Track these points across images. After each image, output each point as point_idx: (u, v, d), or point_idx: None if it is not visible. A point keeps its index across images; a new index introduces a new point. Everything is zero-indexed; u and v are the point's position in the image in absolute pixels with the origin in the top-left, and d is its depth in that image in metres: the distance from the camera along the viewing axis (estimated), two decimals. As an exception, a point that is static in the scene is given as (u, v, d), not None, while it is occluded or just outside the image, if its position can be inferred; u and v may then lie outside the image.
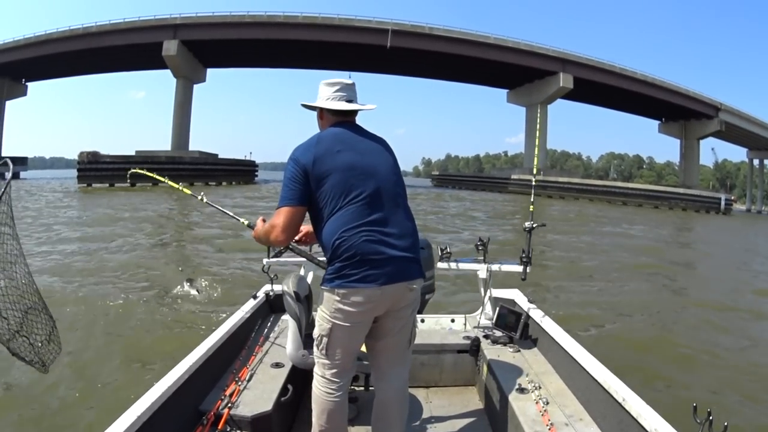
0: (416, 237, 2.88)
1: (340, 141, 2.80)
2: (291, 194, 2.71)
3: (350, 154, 2.75)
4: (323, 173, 2.68)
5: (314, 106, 2.97)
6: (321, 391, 2.78)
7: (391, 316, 2.79)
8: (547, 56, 68.16)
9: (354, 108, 2.94)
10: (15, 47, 66.99)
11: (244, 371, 3.46)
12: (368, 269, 2.61)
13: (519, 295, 4.73)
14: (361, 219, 2.65)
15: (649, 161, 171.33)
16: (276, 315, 4.58)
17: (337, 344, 2.72)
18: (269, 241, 2.91)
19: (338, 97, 2.92)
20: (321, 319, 2.73)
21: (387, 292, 2.66)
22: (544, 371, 3.65)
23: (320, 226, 2.72)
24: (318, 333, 2.76)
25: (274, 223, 2.75)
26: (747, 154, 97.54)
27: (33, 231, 17.16)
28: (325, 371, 2.77)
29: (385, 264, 2.64)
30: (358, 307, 2.64)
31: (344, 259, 2.60)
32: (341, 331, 2.69)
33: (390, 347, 2.89)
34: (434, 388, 4.16)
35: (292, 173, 2.72)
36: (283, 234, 2.75)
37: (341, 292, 2.61)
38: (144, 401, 2.59)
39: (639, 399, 2.67)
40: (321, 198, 2.69)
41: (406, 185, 2.99)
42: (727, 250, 23.76)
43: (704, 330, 8.81)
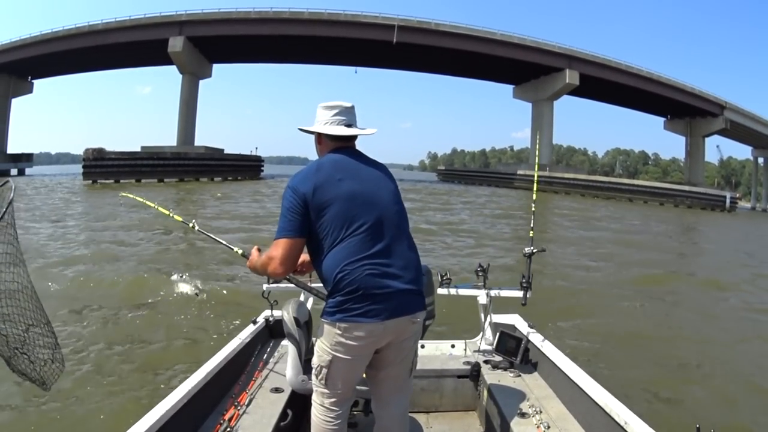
0: (419, 269, 2.81)
1: (341, 169, 2.73)
2: (289, 225, 2.65)
3: (352, 183, 2.68)
4: (324, 203, 2.61)
5: (312, 131, 2.90)
6: (320, 419, 2.76)
7: (393, 348, 2.75)
8: (554, 53, 67.83)
9: (353, 133, 2.86)
10: (21, 46, 66.94)
11: (243, 396, 3.43)
12: (371, 304, 2.56)
13: (519, 320, 4.72)
14: (364, 252, 2.59)
15: (655, 157, 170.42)
16: (276, 340, 4.54)
17: (336, 376, 2.69)
18: (266, 273, 2.85)
19: (337, 121, 2.84)
20: (321, 350, 2.69)
21: (389, 326, 2.62)
22: (545, 396, 3.63)
23: (320, 258, 2.66)
24: (317, 363, 2.72)
25: (272, 255, 2.69)
26: (752, 152, 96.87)
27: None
28: (324, 400, 2.75)
29: (388, 299, 2.59)
30: (359, 341, 2.59)
31: (346, 293, 2.55)
32: (341, 364, 2.66)
33: (391, 377, 2.86)
34: (434, 413, 4.14)
35: (291, 203, 2.65)
36: (282, 267, 2.69)
37: (342, 326, 2.57)
38: (142, 425, 2.59)
39: (641, 422, 2.66)
40: (321, 229, 2.62)
41: (413, 179, 2.94)
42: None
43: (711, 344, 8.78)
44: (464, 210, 34.71)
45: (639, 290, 12.50)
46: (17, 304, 2.61)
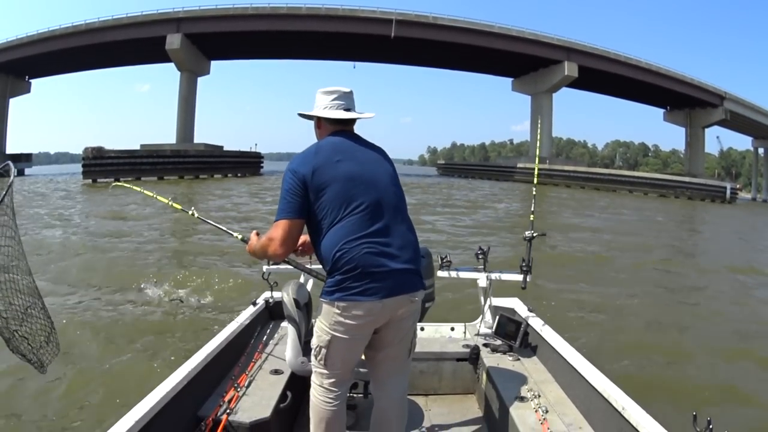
0: (417, 249, 2.84)
1: (340, 151, 2.76)
2: (289, 207, 2.67)
3: (350, 164, 2.71)
4: (322, 184, 2.64)
5: (311, 115, 2.93)
6: (319, 400, 2.77)
7: (392, 328, 2.76)
8: (552, 45, 67.78)
9: (352, 116, 2.90)
10: (18, 45, 66.87)
11: (243, 378, 3.44)
12: (369, 282, 2.57)
13: (519, 303, 4.72)
14: (362, 230, 2.61)
15: (655, 149, 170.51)
16: (275, 322, 4.56)
17: (336, 356, 2.70)
18: (266, 255, 2.86)
19: (336, 105, 2.88)
20: (320, 330, 2.70)
21: (388, 305, 2.63)
22: (544, 380, 3.64)
23: (319, 238, 2.68)
24: (316, 344, 2.73)
25: (272, 237, 2.72)
26: (752, 142, 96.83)
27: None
28: (323, 380, 2.75)
29: (387, 277, 2.61)
30: (358, 320, 2.60)
31: (345, 271, 2.56)
32: (340, 343, 2.67)
33: (390, 357, 2.87)
34: (433, 396, 4.16)
35: (290, 185, 2.67)
36: (282, 247, 2.71)
37: (341, 305, 2.58)
38: (142, 407, 2.60)
39: (639, 407, 2.66)
40: (320, 209, 2.64)
41: (413, 174, 2.94)
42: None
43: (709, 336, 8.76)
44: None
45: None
46: (16, 288, 2.63)
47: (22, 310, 2.65)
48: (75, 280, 10.56)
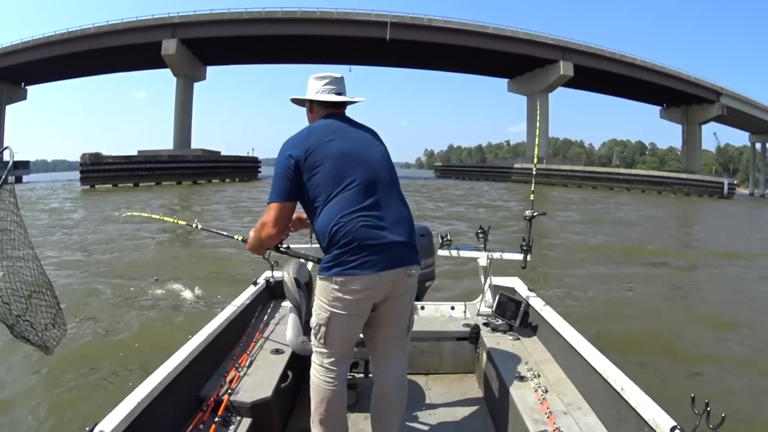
0: (412, 223, 2.87)
1: (332, 131, 2.81)
2: (280, 190, 2.74)
3: (342, 142, 2.76)
4: (315, 162, 2.68)
5: (304, 99, 3.00)
6: (319, 380, 2.78)
7: (390, 305, 2.78)
8: (547, 44, 67.82)
9: (343, 100, 2.95)
10: (13, 51, 66.72)
11: (244, 358, 3.47)
12: (366, 255, 2.60)
13: (519, 283, 4.75)
14: (357, 204, 2.64)
15: (652, 147, 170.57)
16: (276, 301, 4.58)
17: (335, 333, 2.71)
18: (261, 240, 2.93)
19: (328, 90, 2.94)
20: (318, 308, 2.71)
21: (385, 278, 2.64)
22: (544, 359, 3.66)
23: (315, 216, 2.71)
24: (316, 322, 2.75)
25: (264, 221, 2.81)
26: (749, 138, 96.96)
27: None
28: (323, 360, 2.77)
29: (384, 250, 2.63)
30: (356, 295, 2.62)
31: (342, 245, 2.59)
32: (340, 320, 2.68)
33: (389, 336, 2.88)
34: (433, 375, 4.17)
35: (283, 167, 2.74)
36: (274, 228, 2.80)
37: (339, 280, 2.60)
38: (144, 388, 2.61)
39: (637, 388, 2.68)
40: (314, 187, 2.68)
41: (410, 177, 2.96)
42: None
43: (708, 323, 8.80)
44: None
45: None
46: (19, 272, 2.64)
47: (26, 295, 2.65)
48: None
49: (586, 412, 2.96)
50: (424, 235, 4.07)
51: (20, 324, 2.61)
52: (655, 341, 7.45)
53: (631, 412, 2.60)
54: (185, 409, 2.93)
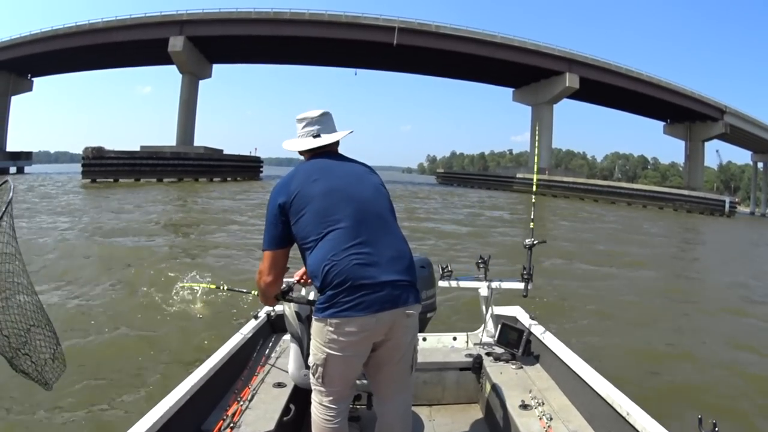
0: (411, 259, 2.78)
1: (317, 170, 2.78)
2: (271, 238, 2.77)
3: (327, 181, 2.72)
4: (302, 204, 2.65)
5: (290, 149, 2.99)
6: (320, 418, 2.74)
7: (390, 346, 2.71)
8: (554, 56, 67.83)
9: (320, 144, 2.89)
10: (21, 43, 66.94)
11: (245, 391, 3.44)
12: (361, 296, 2.52)
13: (521, 311, 4.74)
14: (349, 242, 2.58)
15: (654, 162, 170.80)
16: (277, 335, 4.56)
17: (333, 374, 2.67)
18: (262, 289, 2.94)
19: (306, 133, 2.92)
20: (315, 348, 2.67)
21: (382, 319, 2.57)
22: (548, 387, 3.64)
23: (308, 257, 2.67)
24: (313, 362, 2.70)
25: (260, 269, 2.84)
26: (751, 156, 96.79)
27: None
28: (323, 398, 2.72)
29: (379, 289, 2.55)
30: (352, 337, 2.56)
31: (335, 285, 2.52)
32: (337, 361, 2.63)
33: (392, 375, 2.82)
34: (437, 406, 4.15)
35: (272, 215, 2.75)
36: (270, 275, 2.83)
37: (334, 322, 2.54)
38: (145, 421, 2.60)
39: (643, 413, 2.67)
40: (303, 228, 2.65)
41: (412, 182, 2.94)
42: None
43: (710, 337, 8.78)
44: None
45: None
46: (18, 305, 2.61)
47: (26, 328, 2.62)
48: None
49: None
50: (424, 266, 4.05)
51: (19, 357, 2.58)
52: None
53: None
54: None
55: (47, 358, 2.70)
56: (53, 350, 2.74)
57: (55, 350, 2.76)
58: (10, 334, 2.54)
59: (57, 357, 2.76)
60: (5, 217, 2.53)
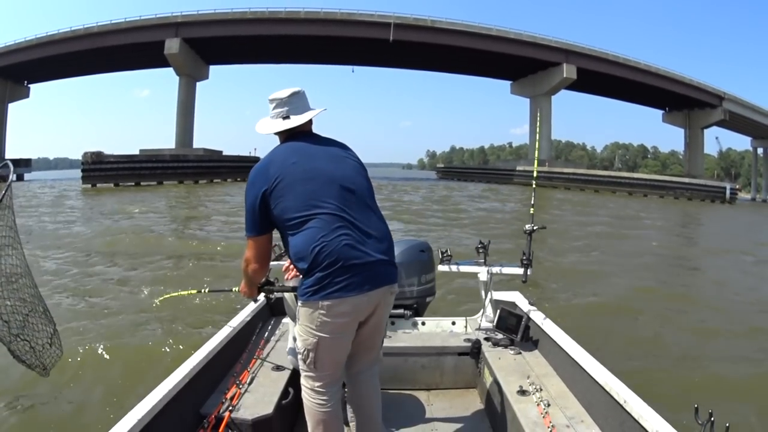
0: (391, 239, 2.80)
1: (294, 152, 2.73)
2: (253, 224, 2.71)
3: (307, 162, 2.68)
4: (284, 188, 2.61)
5: (261, 132, 2.91)
6: (313, 404, 2.74)
7: (371, 322, 2.76)
8: (551, 47, 67.84)
9: (289, 126, 2.83)
10: (16, 50, 66.97)
11: (244, 374, 3.45)
12: (352, 276, 2.53)
13: (520, 297, 4.73)
14: (336, 223, 2.56)
15: (654, 151, 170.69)
16: (276, 318, 4.58)
17: (324, 358, 2.66)
18: (249, 277, 2.94)
19: (276, 114, 2.86)
20: (304, 333, 2.64)
21: (372, 297, 2.61)
22: (545, 373, 3.65)
23: (292, 240, 2.61)
24: (303, 348, 2.67)
25: (246, 257, 2.81)
26: (751, 143, 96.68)
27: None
28: (314, 383, 2.72)
29: (368, 268, 2.58)
30: (344, 318, 2.58)
31: (325, 266, 2.50)
32: (328, 344, 2.63)
33: (369, 351, 2.90)
34: (435, 391, 4.16)
35: (251, 201, 2.68)
36: (256, 262, 2.81)
37: (326, 304, 2.52)
38: (145, 405, 2.60)
39: (640, 400, 2.66)
40: (287, 211, 2.60)
41: (413, 178, 2.92)
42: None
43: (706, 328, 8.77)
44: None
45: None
46: (16, 291, 2.65)
47: (23, 315, 2.66)
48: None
49: (589, 425, 2.95)
50: (423, 250, 4.06)
51: (18, 342, 2.61)
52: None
53: (634, 424, 2.59)
54: (186, 426, 2.92)
55: (45, 343, 2.74)
56: (50, 336, 2.79)
57: (52, 336, 2.80)
58: (10, 319, 2.57)
59: (54, 343, 2.81)
60: (5, 201, 2.57)
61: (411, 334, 4.43)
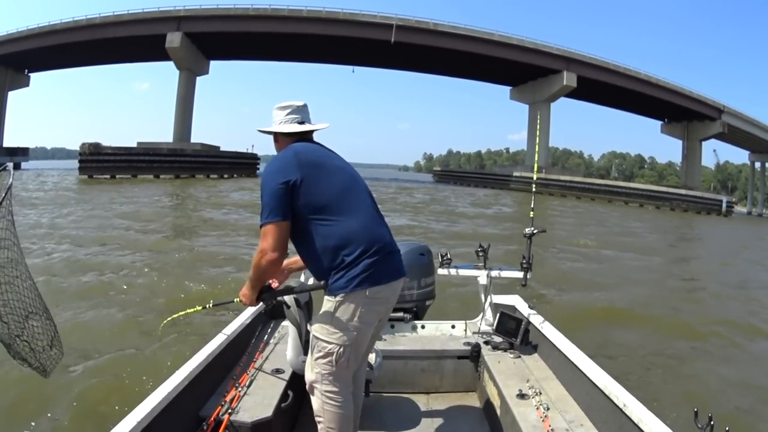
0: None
1: (316, 150, 2.86)
2: (277, 210, 2.59)
3: (330, 161, 2.83)
4: (317, 178, 2.66)
5: (269, 131, 2.99)
6: (336, 407, 2.71)
7: (387, 313, 2.89)
8: (552, 54, 67.91)
9: (305, 129, 2.93)
10: (18, 38, 66.84)
11: (244, 377, 3.44)
12: (391, 263, 2.71)
13: (519, 300, 4.76)
14: (371, 214, 2.75)
15: (651, 161, 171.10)
16: (276, 321, 4.56)
17: (358, 352, 2.73)
18: (262, 269, 2.68)
19: (290, 119, 2.94)
20: (340, 331, 2.62)
21: (399, 285, 2.80)
22: (545, 377, 3.66)
23: (329, 229, 2.61)
24: (335, 347, 2.64)
25: (262, 247, 2.61)
26: (749, 156, 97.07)
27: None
28: (337, 386, 2.70)
29: (398, 259, 2.80)
30: (386, 304, 2.77)
31: (373, 253, 2.60)
32: (364, 336, 2.71)
33: (371, 345, 3.06)
34: (434, 394, 4.16)
35: (275, 187, 2.61)
36: (275, 251, 2.60)
37: (374, 290, 2.61)
38: (144, 407, 2.59)
39: (640, 404, 2.68)
40: (322, 200, 2.63)
41: (409, 180, 2.99)
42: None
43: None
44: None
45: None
46: (16, 291, 2.62)
47: (24, 315, 2.64)
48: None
49: (589, 428, 2.95)
50: (423, 254, 4.07)
51: (18, 344, 2.60)
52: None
53: (633, 428, 2.60)
54: (185, 429, 2.92)
55: (45, 345, 2.72)
56: (51, 337, 2.76)
57: (53, 338, 2.78)
58: (9, 320, 2.55)
59: (55, 344, 2.78)
60: (5, 203, 2.54)
61: (410, 338, 4.44)
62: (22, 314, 2.62)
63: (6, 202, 2.54)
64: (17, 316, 2.59)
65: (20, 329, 2.60)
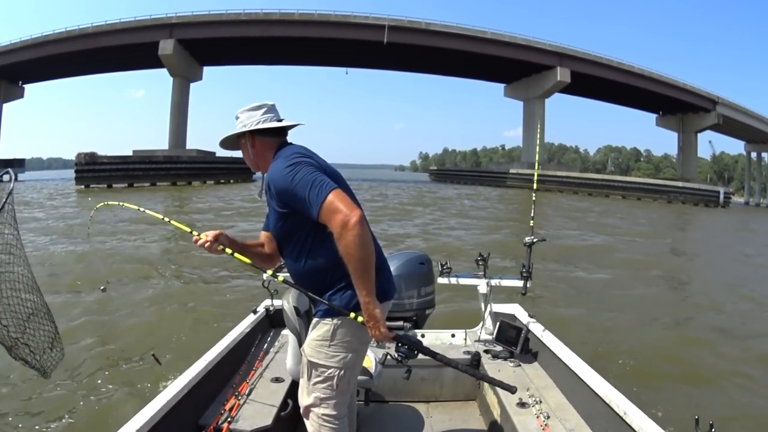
0: None
1: (319, 157, 2.56)
2: (326, 180, 2.30)
3: (336, 172, 2.54)
4: (333, 178, 2.40)
5: (250, 130, 2.64)
6: (333, 429, 2.54)
7: None
8: (544, 50, 68.03)
9: (286, 125, 2.66)
10: (11, 50, 66.76)
11: (243, 386, 3.45)
12: (391, 279, 2.65)
13: (519, 309, 4.76)
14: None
15: (647, 154, 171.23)
16: (276, 330, 4.56)
17: (357, 370, 2.69)
18: (359, 235, 2.23)
19: (269, 118, 2.64)
20: (344, 350, 2.48)
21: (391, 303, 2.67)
22: (545, 385, 3.66)
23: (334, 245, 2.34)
24: (337, 369, 2.49)
25: (343, 215, 2.22)
26: (744, 146, 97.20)
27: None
28: (339, 408, 2.56)
29: (390, 275, 2.68)
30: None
31: (379, 270, 2.39)
32: (361, 356, 2.68)
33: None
34: (434, 403, 4.17)
35: (312, 165, 2.37)
36: (357, 207, 2.26)
37: (387, 305, 2.58)
38: (143, 415, 2.60)
39: (640, 412, 2.67)
40: None
41: (405, 180, 2.89)
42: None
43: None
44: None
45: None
46: (18, 294, 2.63)
47: (25, 317, 2.65)
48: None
49: None
50: (423, 263, 4.06)
51: (18, 346, 2.61)
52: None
53: None
54: None
55: (45, 346, 2.73)
56: (51, 339, 2.77)
57: (54, 339, 2.79)
58: (9, 323, 2.56)
59: (55, 346, 2.79)
60: (7, 207, 2.55)
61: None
62: (23, 316, 2.63)
63: (8, 207, 2.55)
64: (18, 318, 2.61)
65: (21, 332, 2.62)
